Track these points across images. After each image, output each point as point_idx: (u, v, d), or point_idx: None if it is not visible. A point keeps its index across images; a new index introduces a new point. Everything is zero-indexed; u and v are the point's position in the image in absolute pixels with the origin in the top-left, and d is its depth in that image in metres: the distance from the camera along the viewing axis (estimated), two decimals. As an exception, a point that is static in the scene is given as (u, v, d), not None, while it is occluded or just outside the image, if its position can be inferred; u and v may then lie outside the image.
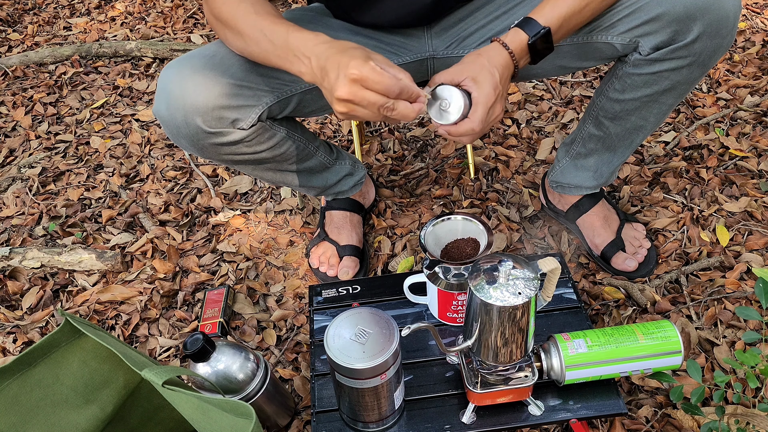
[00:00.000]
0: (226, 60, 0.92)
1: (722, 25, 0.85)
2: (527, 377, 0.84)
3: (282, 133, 1.01)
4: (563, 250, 1.28)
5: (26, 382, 0.71)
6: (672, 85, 0.94)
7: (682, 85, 0.94)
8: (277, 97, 0.95)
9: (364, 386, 0.79)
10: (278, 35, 0.81)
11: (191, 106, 0.89)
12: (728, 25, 0.86)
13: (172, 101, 0.90)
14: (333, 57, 0.75)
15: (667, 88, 0.95)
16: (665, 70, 0.91)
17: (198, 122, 0.90)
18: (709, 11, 0.84)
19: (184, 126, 0.91)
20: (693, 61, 0.90)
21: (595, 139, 1.10)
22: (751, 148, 1.45)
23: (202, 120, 0.90)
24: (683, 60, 0.89)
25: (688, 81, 0.94)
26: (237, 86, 0.91)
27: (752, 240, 1.25)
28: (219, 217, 1.45)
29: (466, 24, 1.02)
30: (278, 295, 1.27)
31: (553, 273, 0.80)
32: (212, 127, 0.91)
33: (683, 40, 0.86)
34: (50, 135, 1.77)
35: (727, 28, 0.86)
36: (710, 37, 0.86)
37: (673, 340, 0.84)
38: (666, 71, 0.92)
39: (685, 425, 0.99)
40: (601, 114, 1.05)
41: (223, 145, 0.94)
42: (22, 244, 1.44)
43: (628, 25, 0.88)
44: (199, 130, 0.91)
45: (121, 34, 2.19)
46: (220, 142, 0.94)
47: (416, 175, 1.50)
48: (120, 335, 1.23)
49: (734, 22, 0.86)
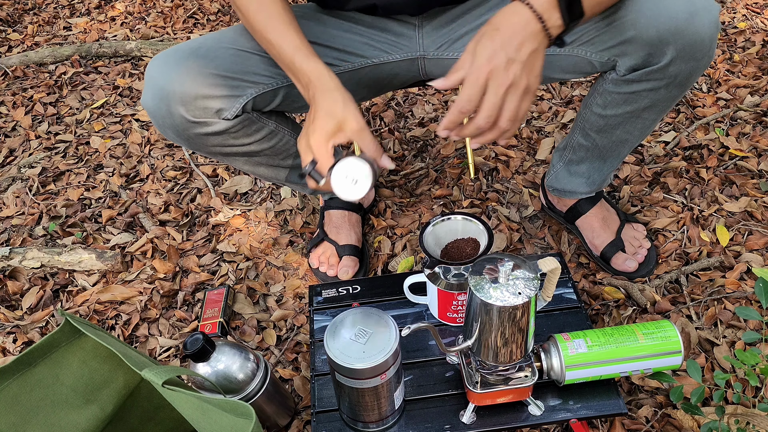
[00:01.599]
0: (211, 52, 0.92)
1: (696, 49, 0.84)
2: (527, 377, 0.84)
3: (270, 127, 1.01)
4: (563, 250, 1.28)
5: (26, 382, 0.71)
6: (652, 103, 0.94)
7: (662, 102, 0.94)
8: (262, 89, 0.96)
9: (364, 386, 0.79)
10: (285, 53, 0.87)
11: (175, 95, 0.90)
12: (703, 48, 0.84)
13: (157, 91, 0.90)
14: (318, 110, 0.84)
15: (647, 105, 0.94)
16: (642, 90, 0.91)
17: (181, 111, 0.91)
18: (682, 35, 0.82)
19: (168, 116, 0.92)
20: (669, 83, 0.89)
21: (584, 148, 1.10)
22: (751, 148, 1.45)
23: (185, 109, 0.90)
24: (659, 81, 0.89)
25: (667, 99, 0.93)
26: (221, 77, 0.91)
27: (752, 240, 1.25)
28: (219, 217, 1.45)
29: (458, 25, 1.01)
30: (278, 295, 1.27)
31: (553, 273, 0.80)
32: (196, 117, 0.91)
33: (657, 63, 0.85)
34: (50, 135, 1.77)
35: (702, 51, 0.84)
36: (685, 61, 0.85)
37: (673, 340, 0.84)
38: (643, 91, 0.91)
39: (685, 425, 0.99)
40: (587, 126, 1.05)
41: (208, 135, 0.95)
42: (22, 244, 1.44)
43: (605, 43, 0.88)
44: (183, 119, 0.91)
45: (121, 34, 2.19)
46: (205, 132, 0.94)
47: (416, 175, 1.50)
48: (120, 335, 1.23)
49: (710, 43, 0.84)
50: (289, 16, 0.88)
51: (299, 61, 0.85)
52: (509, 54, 0.71)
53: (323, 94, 0.84)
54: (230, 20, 2.22)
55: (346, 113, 0.83)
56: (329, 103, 0.84)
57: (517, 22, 0.72)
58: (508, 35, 0.72)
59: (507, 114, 0.74)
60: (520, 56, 0.71)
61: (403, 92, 1.78)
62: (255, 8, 0.88)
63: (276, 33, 0.87)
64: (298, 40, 0.87)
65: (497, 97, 0.73)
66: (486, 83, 0.72)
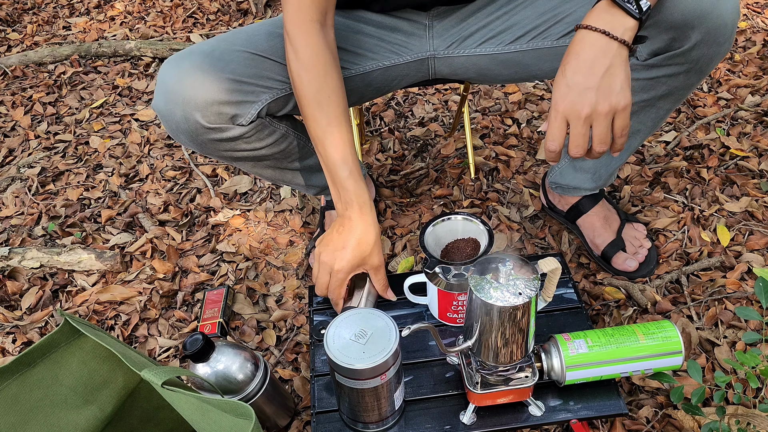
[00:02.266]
0: (225, 56, 0.92)
1: (720, 33, 0.84)
2: (528, 378, 0.84)
3: (282, 131, 1.01)
4: (564, 250, 1.28)
5: (25, 383, 0.71)
6: (669, 91, 0.94)
7: (679, 90, 0.94)
8: (276, 94, 0.95)
9: (364, 387, 0.79)
10: (335, 164, 0.90)
11: (190, 101, 0.89)
12: (726, 33, 0.84)
13: (171, 97, 0.90)
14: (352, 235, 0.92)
15: (664, 93, 0.94)
16: (662, 75, 0.91)
17: (197, 117, 0.90)
18: (707, 19, 0.82)
19: (183, 121, 0.91)
20: (690, 68, 0.89)
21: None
22: (751, 148, 1.45)
23: (201, 115, 0.90)
24: (680, 66, 0.88)
25: (685, 87, 0.93)
26: (236, 82, 0.91)
27: (753, 240, 1.25)
28: (219, 217, 1.45)
29: (468, 24, 1.02)
30: (278, 295, 1.27)
31: (554, 273, 0.80)
32: (211, 123, 0.91)
33: (681, 47, 0.85)
34: (49, 135, 1.77)
35: (724, 36, 0.85)
36: (708, 45, 0.85)
37: (673, 340, 0.84)
38: (663, 77, 0.91)
39: (685, 426, 0.99)
40: None
41: (222, 141, 0.94)
42: (21, 244, 1.44)
43: None
44: (198, 125, 0.91)
45: (121, 34, 2.18)
46: (219, 138, 0.94)
47: (416, 175, 1.50)
48: (119, 335, 1.23)
49: (732, 29, 0.85)
50: (348, 124, 0.90)
51: (350, 183, 0.90)
52: (584, 83, 0.72)
53: (362, 221, 0.92)
54: (229, 20, 2.22)
55: (374, 249, 0.93)
56: (364, 234, 0.92)
57: (584, 48, 0.73)
58: (577, 63, 0.73)
59: (597, 139, 0.76)
60: (591, 83, 0.72)
61: (403, 92, 1.78)
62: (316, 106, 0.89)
63: (332, 147, 0.89)
64: (351, 155, 0.90)
65: (583, 129, 0.75)
66: (566, 121, 0.75)
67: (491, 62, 1.03)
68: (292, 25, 0.87)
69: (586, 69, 0.72)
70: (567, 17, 0.95)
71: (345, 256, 0.92)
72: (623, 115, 0.74)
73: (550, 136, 0.77)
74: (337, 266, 0.93)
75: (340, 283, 0.94)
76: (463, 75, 1.08)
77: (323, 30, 0.88)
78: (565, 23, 0.95)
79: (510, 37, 1.00)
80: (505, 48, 1.01)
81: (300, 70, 0.88)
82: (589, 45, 0.73)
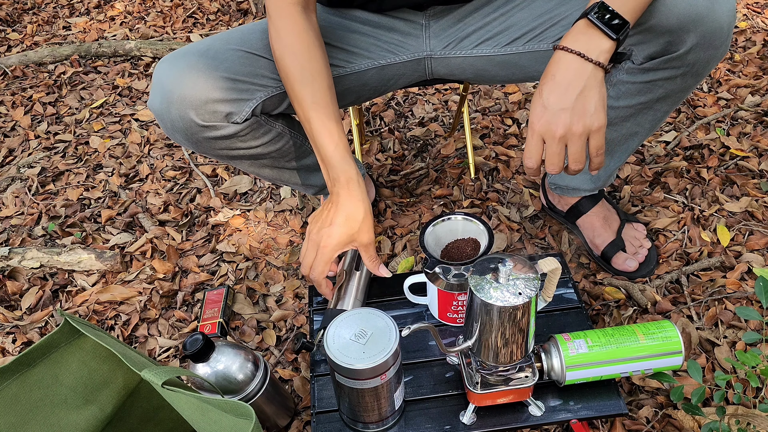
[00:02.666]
0: (220, 54, 0.92)
1: (716, 36, 0.84)
2: (527, 378, 0.84)
3: (278, 129, 1.01)
4: (563, 250, 1.28)
5: (25, 383, 0.71)
6: (666, 94, 0.93)
7: (676, 93, 0.93)
8: (270, 92, 0.96)
9: (364, 387, 0.79)
10: (322, 140, 0.89)
11: (185, 99, 0.89)
12: (722, 36, 0.84)
13: (167, 95, 0.90)
14: (340, 212, 0.90)
15: (662, 96, 0.94)
16: (659, 79, 0.91)
17: (192, 116, 0.90)
18: (703, 23, 0.82)
19: (179, 120, 0.91)
20: (687, 71, 0.89)
21: None
22: (751, 148, 1.45)
23: (196, 113, 0.90)
24: (677, 70, 0.88)
25: (682, 90, 0.93)
26: (230, 80, 0.91)
27: (753, 240, 1.25)
28: (218, 217, 1.45)
29: (465, 25, 1.02)
30: (278, 295, 1.27)
31: (554, 273, 0.80)
32: (206, 121, 0.91)
33: (677, 51, 0.85)
34: (49, 135, 1.77)
35: (720, 39, 0.84)
36: (704, 49, 0.85)
37: (673, 340, 0.84)
38: (660, 80, 0.91)
39: (685, 426, 0.99)
40: None
41: (217, 139, 0.94)
42: (21, 244, 1.44)
43: None
44: (193, 123, 0.91)
45: (121, 34, 2.18)
46: (214, 136, 0.94)
47: (416, 175, 1.50)
48: (119, 335, 1.23)
49: (728, 32, 0.85)
50: (333, 104, 0.90)
51: (336, 158, 0.89)
52: (558, 104, 0.74)
53: (349, 198, 0.90)
54: (229, 20, 2.22)
55: (363, 225, 0.91)
56: (353, 210, 0.90)
57: (559, 69, 0.74)
58: (553, 84, 0.74)
59: (572, 158, 0.78)
60: (566, 104, 0.74)
61: (403, 92, 1.78)
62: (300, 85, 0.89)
63: (318, 122, 0.89)
64: (337, 132, 0.89)
65: (558, 148, 0.77)
66: (542, 140, 0.77)
67: (488, 63, 1.03)
68: (275, 8, 0.88)
69: (561, 90, 0.74)
70: (563, 20, 0.95)
71: (332, 233, 0.90)
72: (597, 136, 0.76)
73: (527, 154, 0.78)
74: (323, 243, 0.91)
75: (326, 260, 0.92)
76: (460, 75, 1.08)
77: (305, 13, 0.89)
78: (561, 26, 0.95)
79: (506, 39, 1.00)
80: (502, 50, 1.01)
81: (283, 51, 0.88)
82: (565, 67, 0.74)
